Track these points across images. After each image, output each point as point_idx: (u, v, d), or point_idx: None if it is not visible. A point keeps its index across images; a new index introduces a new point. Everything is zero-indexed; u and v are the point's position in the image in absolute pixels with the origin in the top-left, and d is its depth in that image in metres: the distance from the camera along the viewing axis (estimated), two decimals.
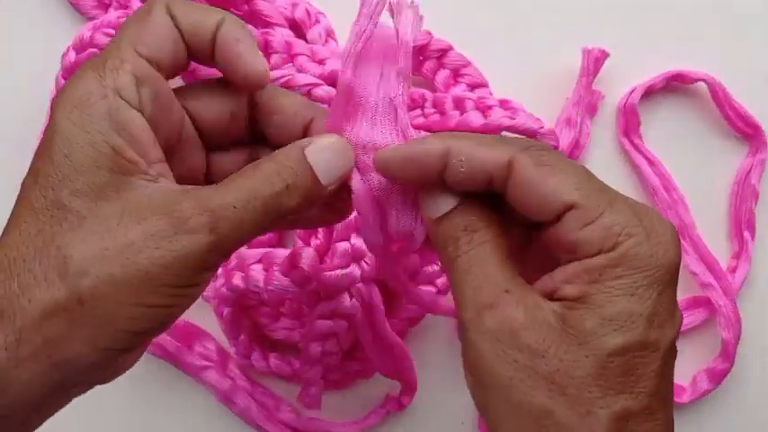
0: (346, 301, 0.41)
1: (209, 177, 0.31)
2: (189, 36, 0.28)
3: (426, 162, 0.27)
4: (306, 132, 0.30)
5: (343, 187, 0.29)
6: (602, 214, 0.25)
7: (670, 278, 0.25)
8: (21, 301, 0.24)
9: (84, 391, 0.27)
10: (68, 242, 0.24)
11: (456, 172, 0.27)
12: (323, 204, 0.30)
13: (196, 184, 0.27)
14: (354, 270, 0.40)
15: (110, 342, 0.25)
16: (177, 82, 0.29)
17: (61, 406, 0.27)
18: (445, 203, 0.28)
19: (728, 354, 0.45)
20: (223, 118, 0.30)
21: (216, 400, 0.46)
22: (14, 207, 0.26)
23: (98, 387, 0.28)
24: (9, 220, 0.26)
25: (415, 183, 0.29)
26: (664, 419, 0.25)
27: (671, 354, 0.26)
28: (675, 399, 0.45)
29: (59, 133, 0.25)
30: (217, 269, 0.27)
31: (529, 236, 0.29)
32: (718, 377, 0.46)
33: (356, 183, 0.29)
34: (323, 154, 0.28)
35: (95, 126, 0.25)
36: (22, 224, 0.25)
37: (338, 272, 0.40)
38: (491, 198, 0.28)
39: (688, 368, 0.47)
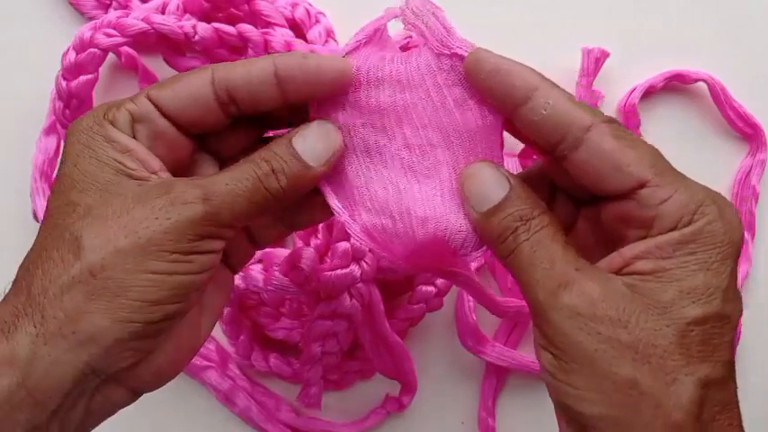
0: (346, 301, 0.41)
1: None
2: (242, 89, 0.28)
3: (515, 85, 0.27)
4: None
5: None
6: (678, 191, 0.26)
7: (737, 256, 0.26)
8: (43, 282, 0.26)
9: (123, 394, 0.28)
10: (79, 227, 0.27)
11: (536, 111, 0.27)
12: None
13: None
14: (354, 270, 0.40)
15: (127, 313, 0.26)
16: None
17: (98, 409, 0.27)
18: (495, 193, 0.28)
19: None
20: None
21: (216, 400, 0.46)
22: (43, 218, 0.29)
23: None
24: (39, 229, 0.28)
25: (487, 97, 0.29)
26: (734, 390, 0.26)
27: (736, 327, 0.26)
28: None
29: (70, 152, 0.28)
30: (218, 241, 0.28)
31: (573, 218, 0.30)
32: None
33: (328, 196, 0.30)
34: (308, 138, 0.29)
35: (97, 144, 0.28)
36: (43, 226, 0.28)
37: (338, 272, 0.40)
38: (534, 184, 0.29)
39: None
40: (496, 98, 0.28)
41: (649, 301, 0.25)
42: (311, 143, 0.29)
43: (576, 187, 0.28)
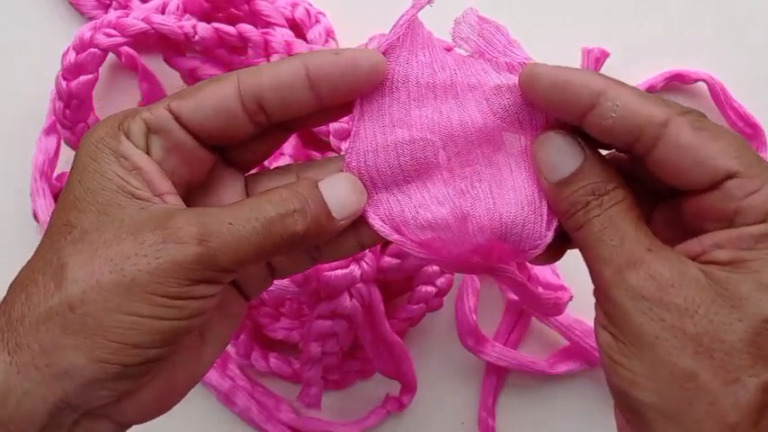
0: (346, 301, 0.41)
1: None
2: (272, 95, 0.27)
3: (578, 94, 0.26)
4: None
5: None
6: (766, 183, 0.24)
7: None
8: (23, 308, 0.25)
9: (108, 427, 0.26)
10: (68, 252, 0.25)
11: (605, 116, 0.26)
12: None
13: None
14: (354, 270, 0.40)
15: (105, 353, 0.24)
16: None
17: None
18: (567, 164, 0.27)
19: None
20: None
21: (216, 400, 0.46)
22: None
23: None
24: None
25: (549, 112, 0.28)
26: None
27: None
28: None
29: (77, 165, 0.26)
30: (215, 286, 0.26)
31: (647, 209, 0.29)
32: None
33: (372, 219, 0.29)
34: (337, 188, 0.28)
35: (104, 158, 0.26)
36: (40, 244, 0.26)
37: (338, 272, 0.40)
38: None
39: None
40: (559, 111, 0.27)
41: (723, 291, 0.24)
42: (341, 194, 0.28)
43: (654, 182, 0.27)
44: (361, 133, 0.29)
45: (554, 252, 0.29)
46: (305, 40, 0.46)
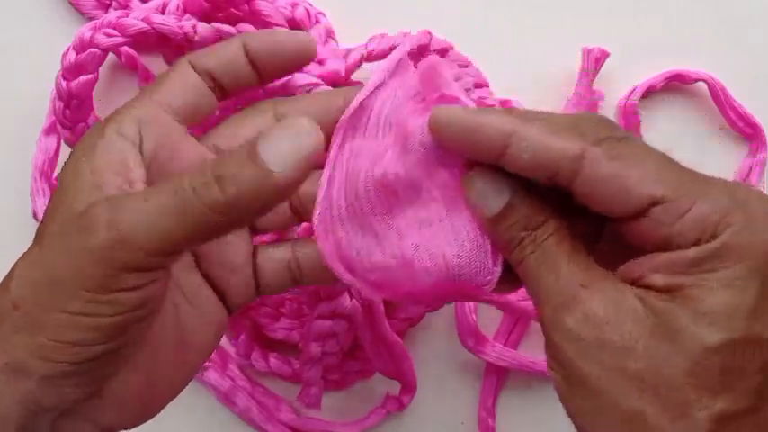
0: (346, 301, 0.41)
1: None
2: (221, 73, 0.30)
3: (489, 137, 0.25)
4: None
5: None
6: (695, 204, 0.23)
7: None
8: None
9: (92, 430, 0.26)
10: (24, 255, 0.25)
11: (518, 157, 0.25)
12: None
13: None
14: None
15: (48, 352, 0.23)
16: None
17: None
18: (495, 201, 0.26)
19: None
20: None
21: (216, 400, 0.46)
22: None
23: None
24: None
25: (464, 156, 0.27)
26: None
27: None
28: None
29: (58, 186, 0.26)
30: (147, 273, 0.24)
31: (596, 227, 0.28)
32: None
33: (329, 257, 0.29)
34: (272, 139, 0.23)
35: (84, 154, 0.26)
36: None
37: None
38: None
39: None
40: (473, 155, 0.26)
41: (660, 323, 0.23)
42: (275, 143, 0.23)
43: None
44: (329, 167, 0.29)
45: (512, 283, 0.28)
46: None
